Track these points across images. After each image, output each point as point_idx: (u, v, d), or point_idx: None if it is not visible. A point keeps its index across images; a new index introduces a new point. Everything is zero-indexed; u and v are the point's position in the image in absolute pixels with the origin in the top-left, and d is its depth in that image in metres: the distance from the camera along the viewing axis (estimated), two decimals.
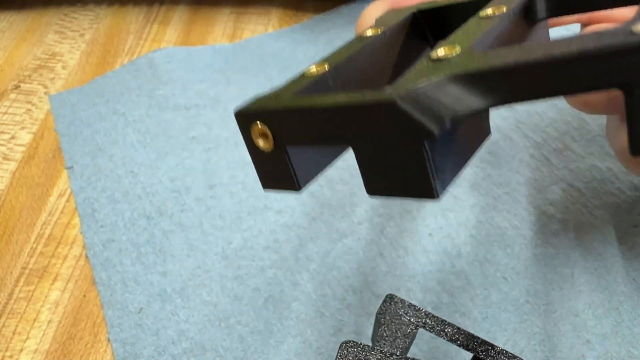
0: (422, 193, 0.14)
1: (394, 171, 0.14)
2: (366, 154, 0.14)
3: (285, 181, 0.17)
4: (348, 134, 0.14)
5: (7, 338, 0.26)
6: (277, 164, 0.16)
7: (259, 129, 0.16)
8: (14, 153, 0.34)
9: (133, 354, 0.25)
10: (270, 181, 0.17)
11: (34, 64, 0.39)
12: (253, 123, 0.16)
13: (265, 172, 0.17)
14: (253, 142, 0.16)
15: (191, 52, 0.38)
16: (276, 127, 0.16)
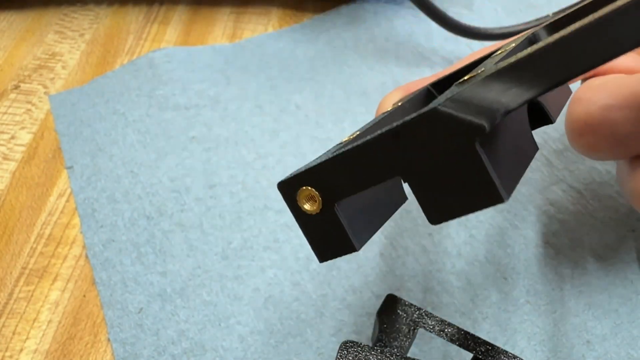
0: (490, 199, 0.13)
1: (454, 187, 0.13)
2: (420, 180, 0.14)
3: (341, 244, 0.16)
4: (396, 163, 0.14)
5: (7, 338, 0.26)
6: (329, 227, 0.16)
7: (304, 193, 0.15)
8: (13, 153, 0.34)
9: (133, 354, 0.25)
10: (327, 249, 0.16)
11: (34, 64, 0.39)
12: (298, 189, 0.15)
13: (320, 241, 0.16)
14: (301, 210, 0.16)
15: (191, 52, 0.38)
16: (320, 184, 0.15)
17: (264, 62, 0.38)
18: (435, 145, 0.13)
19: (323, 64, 0.37)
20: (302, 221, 0.16)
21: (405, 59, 0.37)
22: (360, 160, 0.14)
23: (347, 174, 0.15)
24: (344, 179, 0.15)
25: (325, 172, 0.15)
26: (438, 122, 0.12)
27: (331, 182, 0.15)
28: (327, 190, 0.15)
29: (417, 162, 0.13)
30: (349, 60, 0.37)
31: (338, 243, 0.16)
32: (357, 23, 0.40)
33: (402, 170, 0.14)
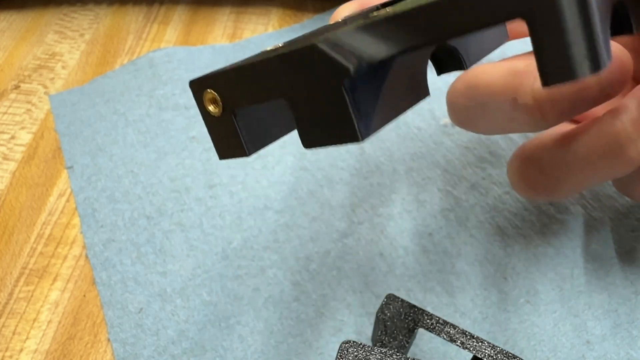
0: (347, 137, 0.14)
1: (323, 119, 0.15)
2: (298, 106, 0.15)
3: (236, 147, 0.17)
4: (281, 86, 0.15)
5: (7, 338, 0.26)
6: (228, 130, 0.17)
7: (209, 95, 0.17)
8: (13, 153, 0.34)
9: (133, 354, 0.25)
10: (224, 150, 0.18)
11: (34, 64, 0.39)
12: (204, 91, 0.17)
13: (219, 141, 0.18)
14: (205, 109, 0.17)
15: (191, 52, 0.38)
16: (222, 90, 0.17)
17: None
18: (311, 77, 0.14)
19: None
20: (207, 121, 0.18)
21: None
22: (256, 76, 0.15)
23: (244, 85, 0.16)
24: (241, 90, 0.16)
25: (227, 80, 0.16)
26: (314, 56, 0.14)
27: (231, 90, 0.16)
28: (227, 97, 0.17)
29: (297, 89, 0.15)
30: None
31: (234, 146, 0.17)
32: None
33: (286, 93, 0.15)
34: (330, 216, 0.29)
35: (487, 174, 0.30)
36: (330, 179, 0.31)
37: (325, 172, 0.31)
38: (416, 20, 0.12)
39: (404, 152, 0.31)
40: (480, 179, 0.30)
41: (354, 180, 0.30)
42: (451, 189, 0.30)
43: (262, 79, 0.15)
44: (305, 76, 0.14)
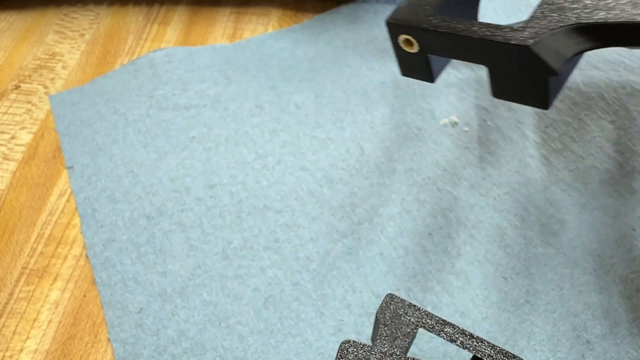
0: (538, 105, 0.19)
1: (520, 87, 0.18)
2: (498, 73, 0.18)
3: (422, 74, 0.21)
4: (484, 59, 0.18)
5: (7, 338, 0.26)
6: (418, 63, 0.21)
7: (406, 38, 0.20)
8: (14, 153, 0.34)
9: (133, 354, 0.25)
10: (409, 72, 0.22)
11: (34, 64, 0.39)
12: (402, 34, 0.20)
13: (406, 65, 0.21)
14: (399, 45, 0.20)
15: (191, 52, 0.38)
16: (422, 41, 0.19)
17: (264, 62, 0.38)
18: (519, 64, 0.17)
19: (323, 64, 0.37)
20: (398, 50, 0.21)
21: None
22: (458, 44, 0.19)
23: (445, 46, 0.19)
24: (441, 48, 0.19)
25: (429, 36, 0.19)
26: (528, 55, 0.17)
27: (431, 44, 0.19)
28: (425, 46, 0.20)
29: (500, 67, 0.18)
30: (349, 60, 0.37)
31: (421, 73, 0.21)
32: (357, 23, 0.40)
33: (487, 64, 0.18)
34: (330, 216, 0.29)
35: (487, 174, 0.30)
36: (330, 179, 0.31)
37: (325, 172, 0.31)
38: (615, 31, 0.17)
39: (404, 152, 0.31)
40: (480, 179, 0.30)
41: (354, 180, 0.30)
42: (451, 189, 0.30)
43: (467, 48, 0.18)
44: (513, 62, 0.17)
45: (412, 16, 0.20)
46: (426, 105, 0.34)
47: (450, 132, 0.32)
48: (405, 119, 0.33)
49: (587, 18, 0.17)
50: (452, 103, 0.33)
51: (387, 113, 0.33)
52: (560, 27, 0.17)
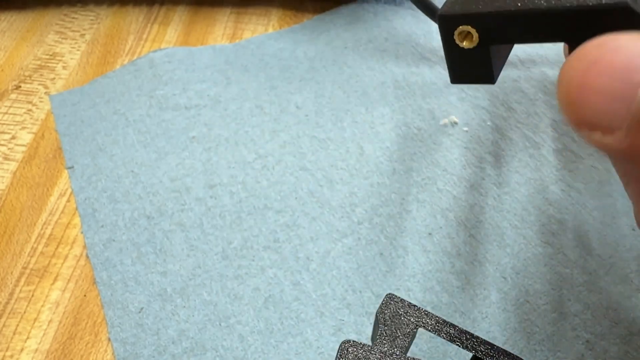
0: None
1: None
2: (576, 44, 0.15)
3: (480, 75, 0.18)
4: (568, 33, 0.15)
5: (8, 338, 0.26)
6: (477, 60, 0.17)
7: (463, 31, 0.17)
8: (14, 153, 0.34)
9: (133, 354, 0.25)
10: (463, 76, 0.18)
11: (35, 64, 0.39)
12: (458, 27, 0.17)
13: (460, 69, 0.18)
14: (454, 42, 0.17)
15: (191, 52, 0.38)
16: (486, 29, 0.16)
17: (264, 62, 0.38)
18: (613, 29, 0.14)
19: (323, 64, 0.37)
20: (451, 50, 0.18)
21: (405, 59, 0.37)
22: (534, 24, 0.15)
23: (516, 30, 0.16)
24: (509, 33, 0.16)
25: (495, 21, 0.16)
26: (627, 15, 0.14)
27: (499, 31, 0.16)
28: (488, 34, 0.17)
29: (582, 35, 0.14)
30: (349, 60, 0.37)
31: (479, 74, 0.18)
32: (357, 23, 0.40)
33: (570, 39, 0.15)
34: (330, 216, 0.29)
35: (487, 174, 0.30)
36: (330, 179, 0.31)
37: (325, 172, 0.31)
38: None
39: (404, 152, 0.31)
40: (480, 179, 0.30)
41: (354, 180, 0.30)
42: (451, 189, 0.30)
43: (547, 26, 0.15)
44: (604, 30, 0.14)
45: (466, 6, 0.17)
46: (426, 105, 0.34)
47: (450, 132, 0.32)
48: (405, 119, 0.33)
49: None
50: (452, 103, 0.33)
51: (387, 113, 0.34)
52: None
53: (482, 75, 0.18)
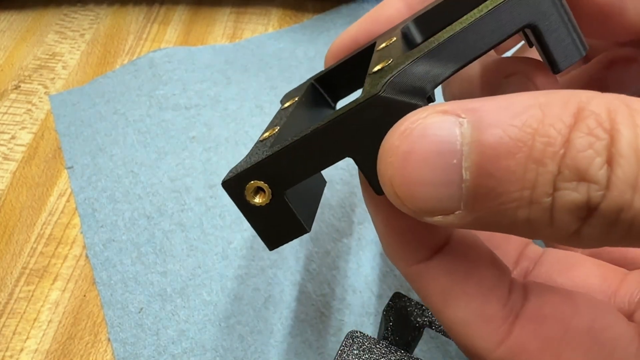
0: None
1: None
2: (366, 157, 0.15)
3: (292, 229, 0.17)
4: (345, 146, 0.15)
5: (8, 338, 0.26)
6: (280, 215, 0.16)
7: (252, 187, 0.16)
8: (14, 153, 0.34)
9: (133, 354, 0.25)
10: (276, 238, 0.17)
11: (34, 64, 0.39)
12: (246, 183, 0.16)
13: (268, 230, 0.17)
14: (248, 203, 0.16)
15: (191, 52, 0.38)
16: (270, 176, 0.16)
17: (264, 62, 0.38)
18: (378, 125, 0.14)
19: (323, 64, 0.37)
20: (250, 214, 0.17)
21: None
22: (312, 148, 0.15)
23: (299, 162, 0.15)
24: (295, 168, 0.16)
25: (276, 165, 0.16)
26: (381, 106, 0.14)
27: (281, 173, 0.16)
28: (277, 181, 0.16)
29: (363, 142, 0.14)
30: None
31: (288, 228, 0.17)
32: None
33: (351, 151, 0.15)
34: (330, 216, 0.29)
35: None
36: (330, 179, 0.31)
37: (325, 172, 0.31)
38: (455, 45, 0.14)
39: None
40: None
41: (354, 180, 0.30)
42: None
43: (321, 148, 0.15)
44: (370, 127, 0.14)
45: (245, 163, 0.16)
46: None
47: None
48: None
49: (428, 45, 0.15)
50: None
51: None
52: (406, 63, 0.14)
53: (294, 229, 0.17)
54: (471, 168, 0.12)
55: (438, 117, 0.12)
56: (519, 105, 0.12)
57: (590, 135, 0.11)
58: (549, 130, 0.12)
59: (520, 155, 0.12)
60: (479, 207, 0.12)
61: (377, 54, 0.18)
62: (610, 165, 0.11)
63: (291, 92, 0.23)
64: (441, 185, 0.12)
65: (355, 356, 0.18)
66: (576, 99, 0.12)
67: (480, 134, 0.12)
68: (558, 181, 0.12)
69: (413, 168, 0.12)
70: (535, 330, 0.15)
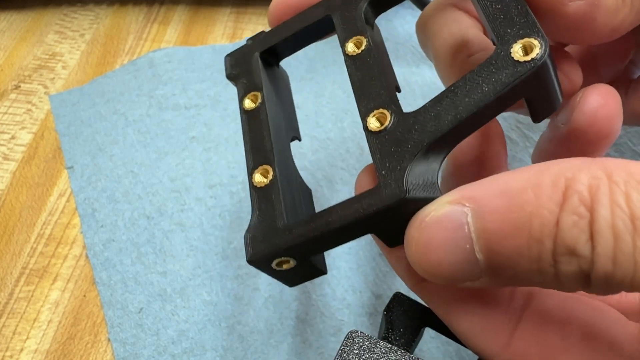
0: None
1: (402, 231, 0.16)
2: (385, 232, 0.16)
3: (312, 275, 0.19)
4: (367, 229, 0.16)
5: (7, 338, 0.26)
6: (302, 270, 0.18)
7: (279, 260, 0.17)
8: (14, 153, 0.34)
9: (133, 354, 0.25)
10: (297, 281, 0.19)
11: (34, 64, 0.39)
12: (272, 261, 0.17)
13: (291, 280, 0.19)
14: (274, 270, 0.18)
15: (191, 52, 0.38)
16: (297, 254, 0.17)
17: None
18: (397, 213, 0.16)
19: (323, 64, 0.37)
20: (275, 275, 0.18)
21: (405, 58, 0.37)
22: (336, 235, 0.16)
23: (325, 244, 0.17)
24: (320, 247, 0.17)
25: (302, 248, 0.17)
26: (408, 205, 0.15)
27: (307, 252, 0.17)
28: (302, 256, 0.17)
29: (382, 225, 0.16)
30: None
31: (309, 275, 0.19)
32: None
33: (372, 232, 0.17)
34: None
35: None
36: (330, 179, 0.31)
37: (325, 172, 0.31)
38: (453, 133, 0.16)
39: None
40: None
41: (354, 180, 0.30)
42: None
43: (344, 233, 0.16)
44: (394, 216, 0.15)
45: (270, 241, 0.17)
46: None
47: None
48: None
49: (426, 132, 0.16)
50: None
51: None
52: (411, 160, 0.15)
53: (314, 274, 0.19)
54: (482, 250, 0.14)
55: (446, 208, 0.14)
56: (514, 190, 0.14)
57: (574, 214, 0.13)
58: (543, 212, 0.13)
59: (522, 236, 0.13)
60: (498, 276, 0.14)
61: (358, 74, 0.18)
62: (592, 241, 0.13)
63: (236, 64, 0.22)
64: (461, 264, 0.14)
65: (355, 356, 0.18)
66: (563, 176, 0.13)
67: (484, 222, 0.14)
68: (556, 255, 0.13)
69: (434, 254, 0.14)
70: (535, 336, 0.16)
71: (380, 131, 0.16)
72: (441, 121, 0.15)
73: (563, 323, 0.16)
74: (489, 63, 0.15)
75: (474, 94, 0.15)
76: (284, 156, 0.20)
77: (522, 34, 0.15)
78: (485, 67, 0.15)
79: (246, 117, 0.20)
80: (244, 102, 0.21)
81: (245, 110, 0.20)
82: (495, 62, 0.15)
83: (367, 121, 0.17)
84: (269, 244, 0.17)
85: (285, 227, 0.17)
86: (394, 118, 0.16)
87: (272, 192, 0.18)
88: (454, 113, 0.15)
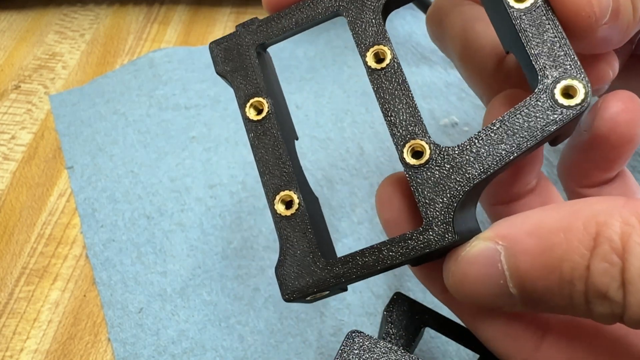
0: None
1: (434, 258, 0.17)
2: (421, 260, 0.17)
3: (334, 294, 0.19)
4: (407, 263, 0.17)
5: (8, 338, 0.26)
6: (328, 295, 0.19)
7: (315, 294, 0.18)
8: (14, 153, 0.34)
9: (133, 354, 0.25)
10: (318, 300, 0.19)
11: (34, 64, 0.39)
12: (307, 295, 0.17)
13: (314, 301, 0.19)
14: (308, 299, 0.18)
15: (191, 52, 0.38)
16: (335, 288, 0.18)
17: None
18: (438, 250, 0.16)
19: (323, 64, 0.37)
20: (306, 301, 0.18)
21: (405, 59, 0.37)
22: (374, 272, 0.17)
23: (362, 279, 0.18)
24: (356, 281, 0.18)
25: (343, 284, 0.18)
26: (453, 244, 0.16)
27: (344, 285, 0.18)
28: (336, 288, 0.18)
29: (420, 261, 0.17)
30: (349, 60, 0.37)
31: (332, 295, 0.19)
32: None
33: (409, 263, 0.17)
34: (330, 216, 0.29)
35: None
36: (330, 179, 0.31)
37: (325, 172, 0.31)
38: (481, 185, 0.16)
39: None
40: None
41: (354, 180, 0.30)
42: None
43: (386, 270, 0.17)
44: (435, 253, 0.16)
45: (307, 278, 0.17)
46: (426, 105, 0.34)
47: (450, 132, 0.32)
48: None
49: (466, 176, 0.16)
50: (452, 103, 0.33)
51: None
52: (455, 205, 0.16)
53: (336, 293, 0.19)
54: (516, 286, 0.14)
55: (481, 245, 0.15)
56: (545, 230, 0.14)
57: (605, 261, 0.13)
58: (573, 257, 0.13)
59: (553, 277, 0.14)
60: (534, 307, 0.15)
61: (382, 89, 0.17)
62: (623, 289, 0.13)
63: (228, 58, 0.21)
64: (497, 296, 0.15)
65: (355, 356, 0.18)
66: (595, 220, 0.14)
67: (516, 260, 0.14)
68: (588, 296, 0.14)
69: (470, 287, 0.15)
70: (563, 349, 0.16)
71: (419, 166, 0.16)
72: (484, 164, 0.15)
73: (592, 337, 0.16)
74: (530, 104, 0.15)
75: (516, 138, 0.15)
76: (301, 174, 0.19)
77: (566, 75, 0.15)
78: (525, 107, 0.15)
79: (254, 130, 0.19)
80: (247, 110, 0.19)
81: (251, 120, 0.19)
82: (537, 103, 0.15)
83: (403, 152, 0.16)
84: (306, 280, 0.17)
85: (322, 263, 0.17)
86: (433, 154, 0.16)
87: (299, 222, 0.17)
88: (496, 156, 0.15)
